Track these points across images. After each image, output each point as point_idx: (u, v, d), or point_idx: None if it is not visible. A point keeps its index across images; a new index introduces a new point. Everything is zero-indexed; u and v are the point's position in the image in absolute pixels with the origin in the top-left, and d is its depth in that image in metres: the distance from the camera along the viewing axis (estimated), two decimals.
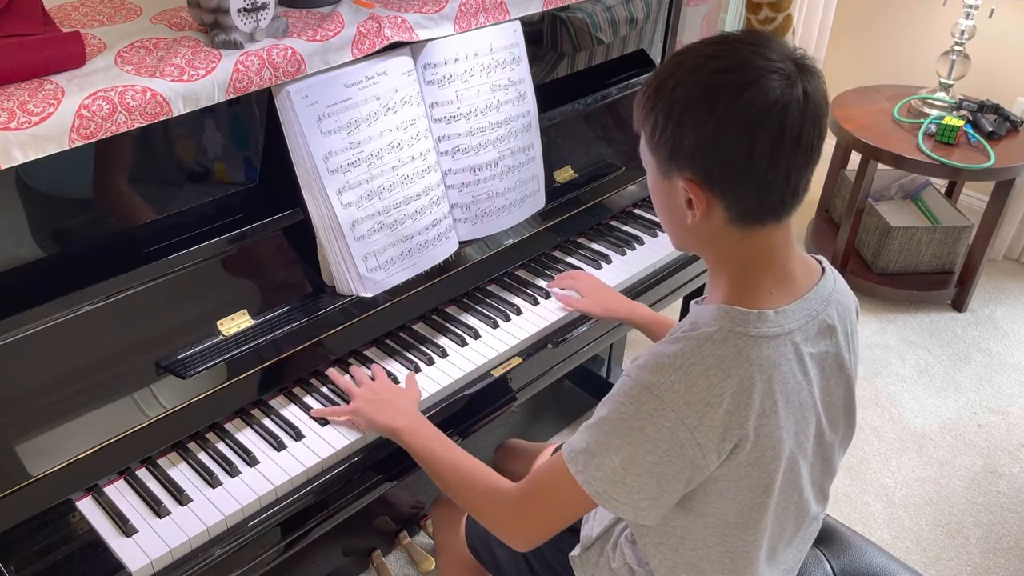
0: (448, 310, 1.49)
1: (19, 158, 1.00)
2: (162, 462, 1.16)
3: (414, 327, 1.44)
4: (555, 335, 1.47)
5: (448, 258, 1.47)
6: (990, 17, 2.77)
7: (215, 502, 1.11)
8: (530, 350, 1.43)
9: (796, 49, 0.89)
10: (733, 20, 2.83)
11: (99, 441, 1.10)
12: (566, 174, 1.70)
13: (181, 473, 1.15)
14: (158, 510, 1.09)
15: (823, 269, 1.02)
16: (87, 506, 1.09)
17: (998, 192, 2.65)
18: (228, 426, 1.23)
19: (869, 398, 2.45)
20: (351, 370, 1.31)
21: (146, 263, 1.18)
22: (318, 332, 1.30)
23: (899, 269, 2.84)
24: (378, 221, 1.35)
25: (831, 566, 1.20)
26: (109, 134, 1.06)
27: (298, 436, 1.21)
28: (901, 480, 2.20)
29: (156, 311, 1.19)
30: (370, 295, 1.36)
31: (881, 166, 2.69)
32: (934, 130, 2.61)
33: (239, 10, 1.16)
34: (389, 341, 1.40)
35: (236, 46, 1.18)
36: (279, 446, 1.19)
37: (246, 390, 1.24)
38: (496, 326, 1.45)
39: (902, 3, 3.16)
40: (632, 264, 1.64)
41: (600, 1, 1.74)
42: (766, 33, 0.91)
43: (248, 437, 1.21)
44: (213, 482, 1.13)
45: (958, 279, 2.84)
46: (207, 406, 1.19)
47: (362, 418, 1.21)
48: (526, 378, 1.44)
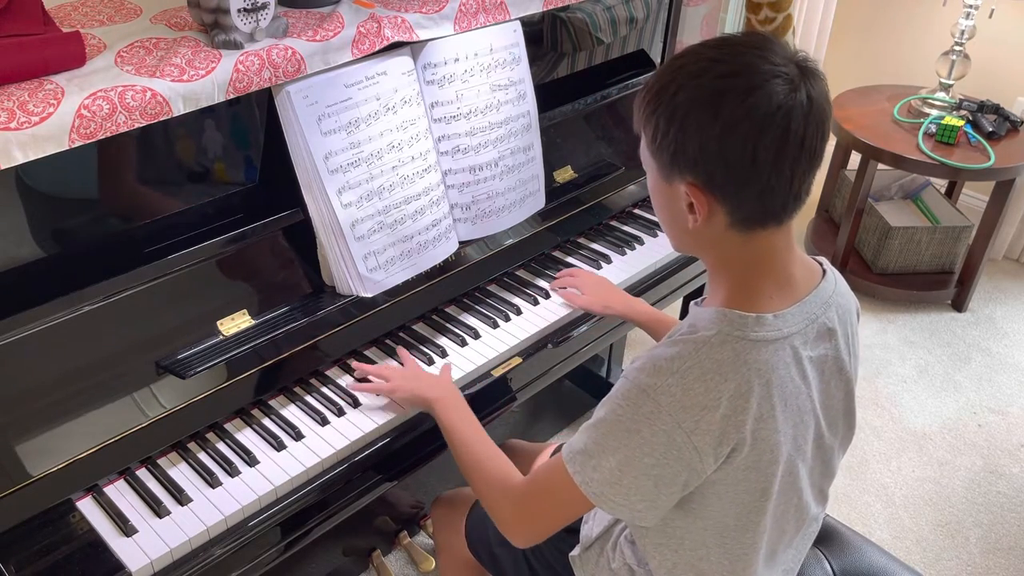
0: (448, 310, 1.49)
1: (19, 158, 1.00)
2: (162, 462, 1.16)
3: (414, 327, 1.44)
4: (555, 335, 1.47)
5: (448, 258, 1.47)
6: (990, 17, 2.76)
7: (215, 502, 1.11)
8: (530, 350, 1.43)
9: (798, 52, 0.88)
10: (733, 20, 2.83)
11: (99, 441, 1.10)
12: (566, 174, 1.70)
13: (181, 473, 1.15)
14: (158, 510, 1.09)
15: (824, 271, 1.01)
16: (87, 506, 1.09)
17: (998, 192, 2.65)
18: (228, 426, 1.23)
19: (869, 398, 2.45)
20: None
21: (146, 263, 1.18)
22: (318, 332, 1.30)
23: (899, 269, 2.84)
24: (378, 221, 1.35)
25: (831, 566, 1.20)
26: (109, 134, 1.06)
27: (298, 436, 1.21)
28: (901, 480, 2.20)
29: (156, 311, 1.19)
30: (370, 295, 1.36)
31: (881, 166, 2.69)
32: (934, 130, 2.61)
33: (239, 10, 1.16)
34: (389, 341, 1.40)
35: (236, 46, 1.18)
36: (279, 446, 1.19)
37: (246, 390, 1.24)
38: (496, 326, 1.45)
39: (902, 3, 3.16)
40: (632, 264, 1.64)
41: (600, 1, 1.74)
42: (768, 35, 0.91)
43: (248, 437, 1.21)
44: (213, 482, 1.13)
45: (958, 279, 2.84)
46: (207, 406, 1.19)
47: (403, 391, 1.25)
48: (526, 378, 1.44)
